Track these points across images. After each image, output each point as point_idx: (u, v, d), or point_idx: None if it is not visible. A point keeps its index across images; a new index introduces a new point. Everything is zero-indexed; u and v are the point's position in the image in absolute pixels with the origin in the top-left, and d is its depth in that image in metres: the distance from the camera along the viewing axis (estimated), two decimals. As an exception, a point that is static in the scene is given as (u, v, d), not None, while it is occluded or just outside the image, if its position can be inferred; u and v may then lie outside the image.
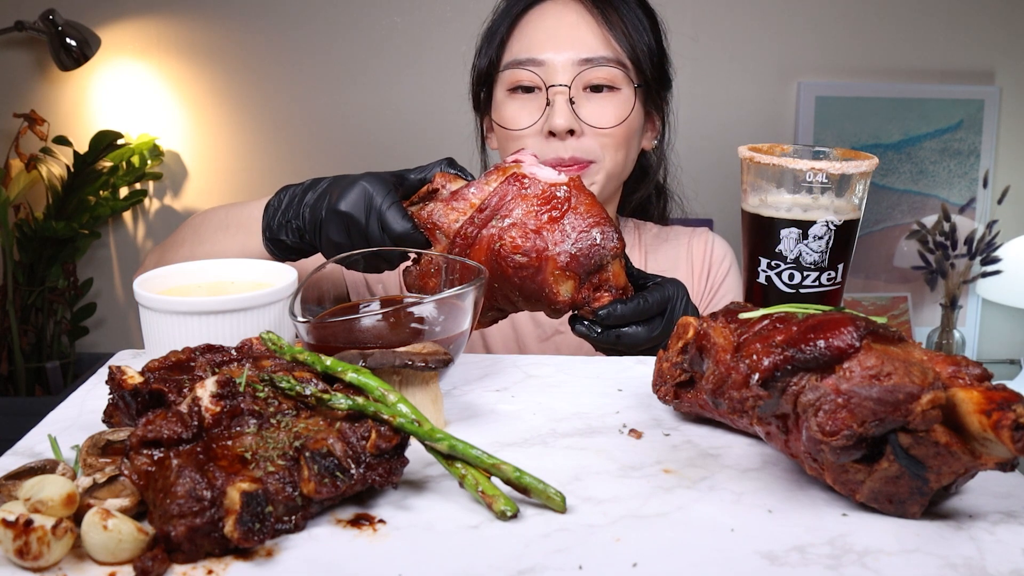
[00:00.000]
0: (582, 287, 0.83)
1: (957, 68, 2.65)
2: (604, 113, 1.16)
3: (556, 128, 1.13)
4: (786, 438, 0.62)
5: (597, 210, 0.83)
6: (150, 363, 0.64)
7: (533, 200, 0.83)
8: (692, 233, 1.34)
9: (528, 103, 1.17)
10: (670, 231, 1.35)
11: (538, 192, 0.83)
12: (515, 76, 1.17)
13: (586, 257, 0.82)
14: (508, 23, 1.20)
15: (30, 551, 0.50)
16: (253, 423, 0.58)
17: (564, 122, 1.13)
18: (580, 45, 1.16)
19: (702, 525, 0.57)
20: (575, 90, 1.15)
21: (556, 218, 0.82)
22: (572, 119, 1.14)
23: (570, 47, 1.15)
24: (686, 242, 1.32)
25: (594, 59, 1.15)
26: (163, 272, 0.83)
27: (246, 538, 0.52)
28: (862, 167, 0.82)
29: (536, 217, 0.82)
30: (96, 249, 2.66)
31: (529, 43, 1.17)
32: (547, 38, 1.17)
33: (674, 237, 1.34)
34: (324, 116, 2.61)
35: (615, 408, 0.76)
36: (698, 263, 1.31)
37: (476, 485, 0.58)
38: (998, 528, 0.57)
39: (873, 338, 0.59)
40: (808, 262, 0.82)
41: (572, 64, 1.15)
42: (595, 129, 1.16)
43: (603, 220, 0.83)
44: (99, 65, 2.53)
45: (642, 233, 1.34)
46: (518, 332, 1.24)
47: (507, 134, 1.19)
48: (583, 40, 1.16)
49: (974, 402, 0.54)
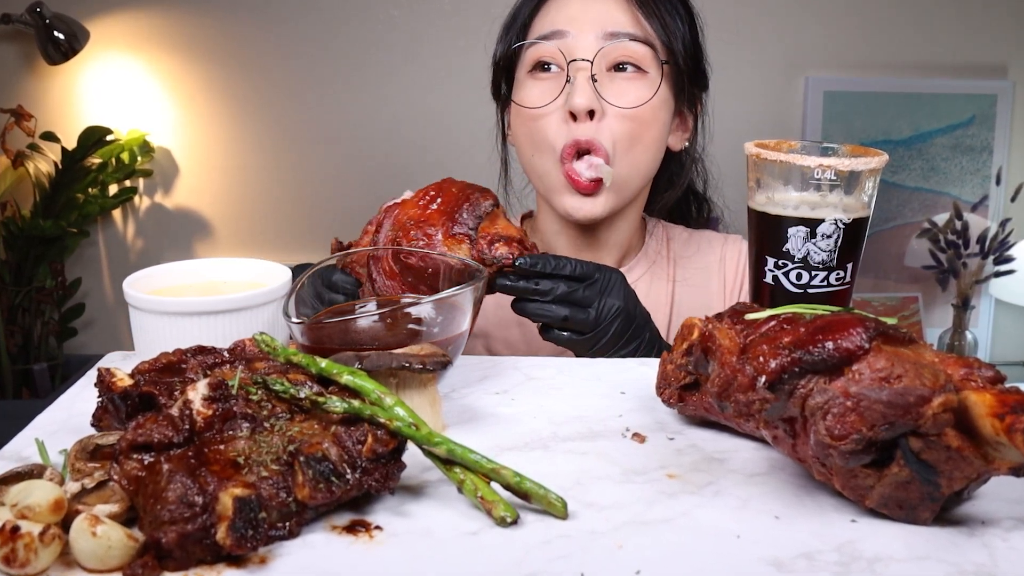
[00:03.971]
0: (475, 245, 0.92)
1: (969, 62, 2.62)
2: (628, 93, 1.08)
3: (576, 107, 1.05)
4: (793, 442, 0.61)
5: (461, 185, 0.96)
6: (140, 365, 0.64)
7: (410, 204, 0.95)
8: (725, 241, 1.27)
9: (549, 82, 1.10)
10: (701, 237, 1.28)
11: (409, 197, 0.97)
12: (536, 52, 1.11)
13: (464, 217, 0.92)
14: (531, 7, 1.15)
15: (17, 558, 0.49)
16: (246, 427, 0.58)
17: (585, 101, 1.05)
18: (606, 20, 1.09)
19: (707, 531, 0.57)
20: (598, 68, 1.08)
21: (432, 205, 0.94)
22: (594, 98, 1.05)
23: (595, 22, 1.09)
24: (718, 250, 1.25)
25: (619, 33, 1.08)
26: (154, 272, 0.83)
27: (239, 545, 0.51)
28: (871, 164, 0.80)
29: (418, 213, 0.93)
30: (85, 248, 2.65)
31: (552, 20, 1.12)
32: (572, 15, 1.10)
33: (706, 244, 1.26)
34: (318, 112, 2.60)
35: (618, 411, 0.75)
36: (731, 273, 1.24)
37: (475, 490, 0.58)
38: (1011, 535, 0.57)
39: (883, 339, 0.58)
40: (816, 261, 0.81)
41: (596, 39, 1.08)
42: (618, 110, 1.07)
43: (469, 188, 0.95)
44: (88, 59, 2.51)
45: (671, 239, 1.27)
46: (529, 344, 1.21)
47: (526, 116, 1.12)
48: (610, 15, 1.09)
49: (987, 405, 0.53)
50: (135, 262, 2.66)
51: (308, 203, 2.65)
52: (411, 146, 2.55)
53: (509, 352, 1.21)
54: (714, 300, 1.23)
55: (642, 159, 1.12)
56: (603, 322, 0.93)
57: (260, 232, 2.68)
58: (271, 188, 2.65)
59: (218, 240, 2.68)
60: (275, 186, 2.65)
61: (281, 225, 2.67)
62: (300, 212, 2.66)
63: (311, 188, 2.64)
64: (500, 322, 1.21)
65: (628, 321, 0.96)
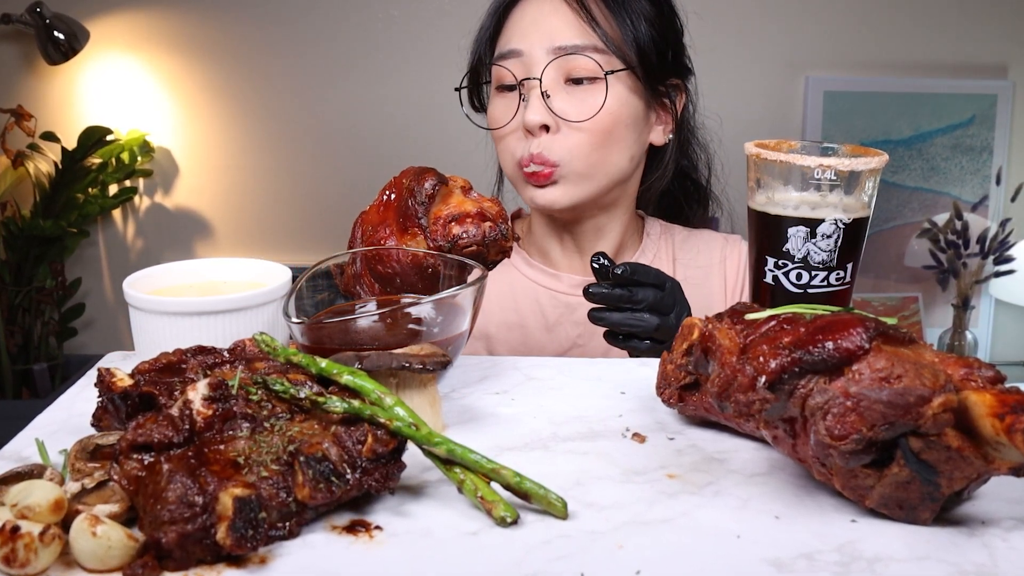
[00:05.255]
0: (428, 234, 0.85)
1: (969, 62, 2.62)
2: (582, 106, 1.08)
3: (528, 124, 1.08)
4: (793, 442, 0.61)
5: (408, 172, 0.88)
6: (140, 365, 0.64)
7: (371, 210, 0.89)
8: (725, 241, 1.26)
9: (510, 100, 1.13)
10: (700, 237, 1.27)
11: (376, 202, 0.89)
12: (498, 72, 1.14)
13: (411, 207, 0.85)
14: (495, 20, 1.17)
15: (17, 558, 0.49)
16: (246, 427, 0.58)
17: (536, 117, 1.07)
18: (555, 34, 1.10)
19: (707, 531, 0.56)
20: (551, 83, 1.09)
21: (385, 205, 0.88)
22: (545, 113, 1.07)
23: (545, 37, 1.10)
24: (719, 251, 1.25)
25: (568, 47, 1.09)
26: (154, 272, 0.82)
27: (239, 545, 0.51)
28: (872, 164, 0.80)
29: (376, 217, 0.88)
30: (85, 248, 2.65)
31: (509, 37, 1.14)
32: (525, 30, 1.12)
33: (705, 245, 1.26)
34: (318, 112, 2.60)
35: (618, 411, 0.75)
36: (731, 275, 1.24)
37: (475, 490, 0.58)
38: (1012, 535, 0.57)
39: (883, 339, 0.58)
40: (816, 261, 0.81)
41: (546, 54, 1.09)
42: (571, 124, 1.08)
43: (412, 175, 0.87)
44: (88, 59, 2.51)
45: (670, 238, 1.27)
46: (531, 350, 1.21)
47: (493, 132, 1.16)
48: (557, 29, 1.10)
49: (987, 405, 0.53)
50: (135, 262, 2.66)
51: (308, 203, 2.65)
52: (411, 146, 2.55)
53: (510, 354, 1.21)
54: (715, 300, 1.23)
55: (613, 158, 1.12)
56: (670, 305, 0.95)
57: (260, 232, 2.67)
58: (271, 188, 2.65)
59: (218, 240, 2.68)
60: (275, 186, 2.65)
61: (281, 225, 2.67)
62: (300, 212, 2.66)
63: (311, 188, 2.64)
64: (502, 324, 1.21)
65: None
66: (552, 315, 1.20)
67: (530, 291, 1.21)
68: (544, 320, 1.20)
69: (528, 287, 1.22)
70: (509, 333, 1.20)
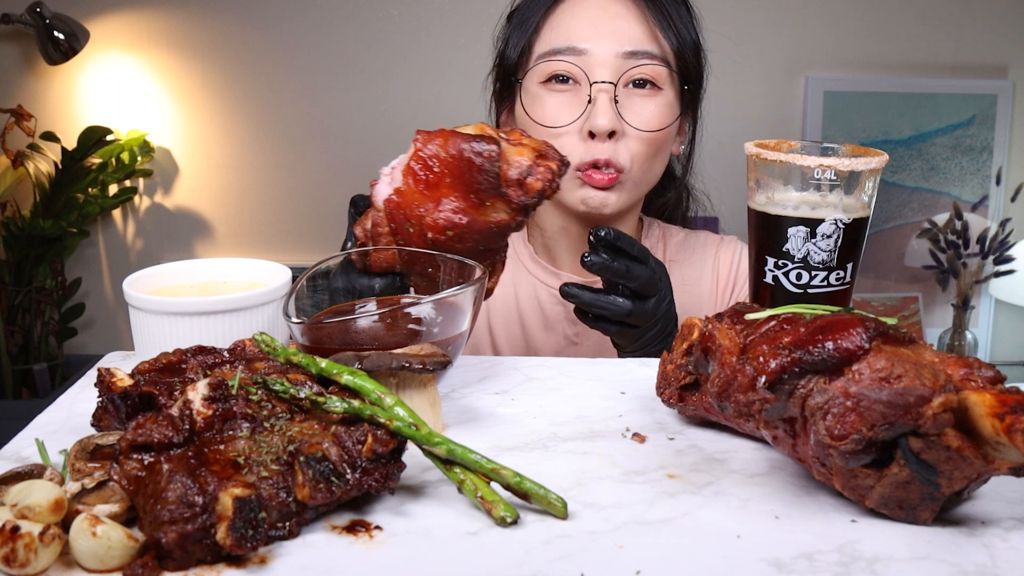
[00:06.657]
0: (508, 201, 0.79)
1: (969, 62, 2.62)
2: (648, 115, 1.09)
3: (598, 129, 1.06)
4: (794, 442, 0.61)
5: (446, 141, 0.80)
6: (140, 365, 0.64)
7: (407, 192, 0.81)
8: (720, 242, 1.28)
9: (568, 98, 1.10)
10: (696, 238, 1.29)
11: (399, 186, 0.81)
12: (552, 66, 1.11)
13: (476, 180, 0.78)
14: (543, 8, 1.14)
15: (17, 558, 0.49)
16: (246, 427, 0.58)
17: (607, 123, 1.06)
18: (625, 38, 1.09)
19: (707, 532, 0.56)
20: (619, 87, 1.09)
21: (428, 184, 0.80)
22: (616, 120, 1.07)
23: (614, 39, 1.09)
24: (713, 251, 1.26)
25: (639, 53, 1.08)
26: (154, 272, 0.82)
27: (239, 545, 0.51)
28: (872, 164, 0.80)
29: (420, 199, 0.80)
30: (85, 248, 2.66)
31: (568, 31, 1.11)
32: (589, 27, 1.10)
33: (700, 246, 1.27)
34: (318, 111, 2.60)
35: (618, 411, 0.75)
36: (723, 274, 1.25)
37: (475, 490, 0.58)
38: (1011, 535, 0.57)
39: (883, 339, 0.58)
40: (816, 261, 0.81)
41: (616, 57, 1.08)
42: (637, 132, 1.09)
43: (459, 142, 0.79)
44: (88, 59, 2.52)
45: (668, 240, 1.27)
46: (529, 344, 1.22)
47: (541, 131, 1.12)
48: (628, 32, 1.09)
49: (987, 405, 0.53)
50: (135, 262, 2.67)
51: (308, 203, 2.65)
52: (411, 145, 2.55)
53: (508, 349, 1.21)
54: (705, 301, 1.23)
55: (657, 168, 1.15)
56: (658, 318, 0.93)
57: (260, 232, 2.67)
58: (271, 188, 2.65)
59: (218, 240, 2.68)
60: (275, 186, 2.65)
61: (281, 225, 2.67)
62: (300, 212, 2.66)
63: (311, 188, 2.64)
64: (502, 317, 1.21)
65: (674, 321, 0.97)
66: (551, 313, 1.20)
67: (531, 287, 1.22)
68: (543, 317, 1.20)
69: (530, 283, 1.22)
70: (508, 327, 1.21)
